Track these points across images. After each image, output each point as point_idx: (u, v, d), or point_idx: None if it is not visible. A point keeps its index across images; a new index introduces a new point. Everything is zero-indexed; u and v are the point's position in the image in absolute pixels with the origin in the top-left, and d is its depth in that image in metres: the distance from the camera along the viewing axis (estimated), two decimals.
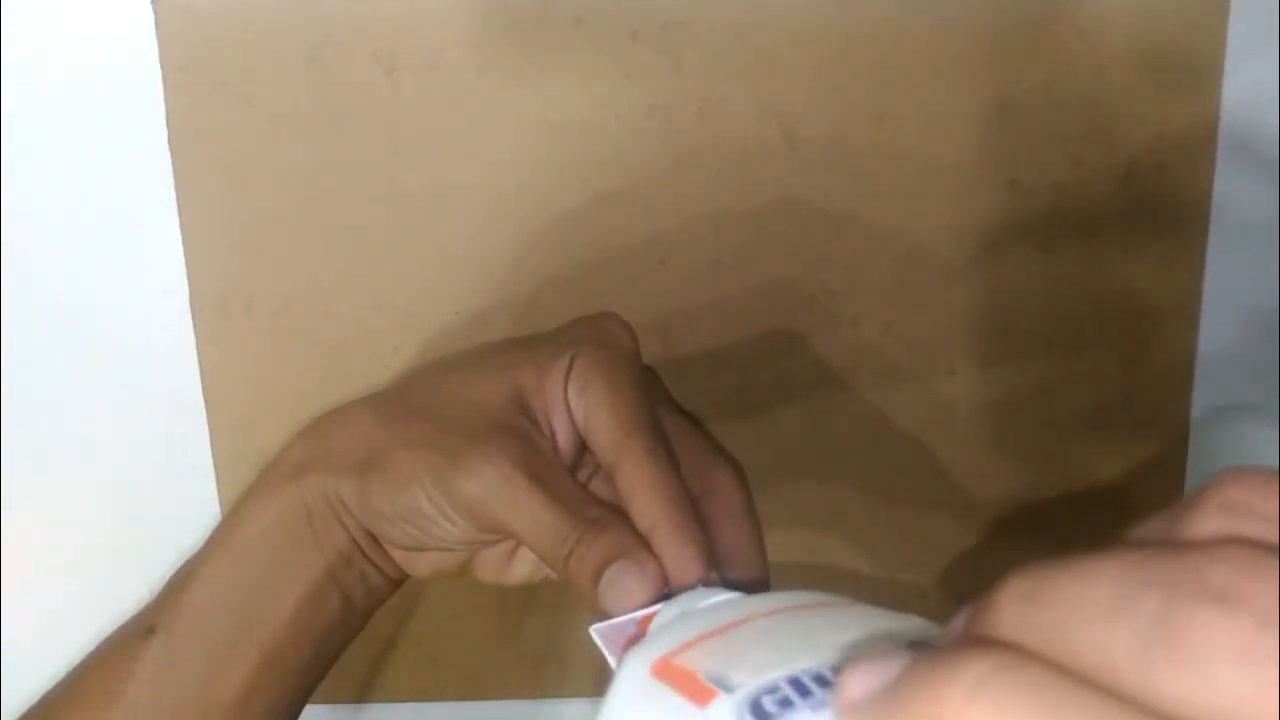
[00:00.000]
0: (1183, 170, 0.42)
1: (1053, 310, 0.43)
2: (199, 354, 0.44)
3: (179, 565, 0.36)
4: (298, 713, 0.36)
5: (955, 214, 0.42)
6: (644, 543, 0.31)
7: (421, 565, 0.36)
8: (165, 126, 0.41)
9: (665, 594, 0.30)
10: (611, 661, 0.28)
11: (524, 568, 0.37)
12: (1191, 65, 0.41)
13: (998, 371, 0.44)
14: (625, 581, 0.30)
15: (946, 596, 0.46)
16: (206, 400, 0.44)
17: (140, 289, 0.43)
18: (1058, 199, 0.42)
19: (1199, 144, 0.42)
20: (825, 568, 0.46)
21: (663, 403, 0.36)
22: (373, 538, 0.35)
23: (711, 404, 0.44)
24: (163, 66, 0.41)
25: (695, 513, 0.31)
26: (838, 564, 0.46)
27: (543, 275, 0.43)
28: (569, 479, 0.33)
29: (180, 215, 0.42)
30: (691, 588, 0.30)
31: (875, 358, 0.44)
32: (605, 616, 0.31)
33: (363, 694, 0.48)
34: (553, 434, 0.34)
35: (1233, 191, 0.42)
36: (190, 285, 0.43)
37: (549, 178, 0.42)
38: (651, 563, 0.30)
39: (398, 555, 0.36)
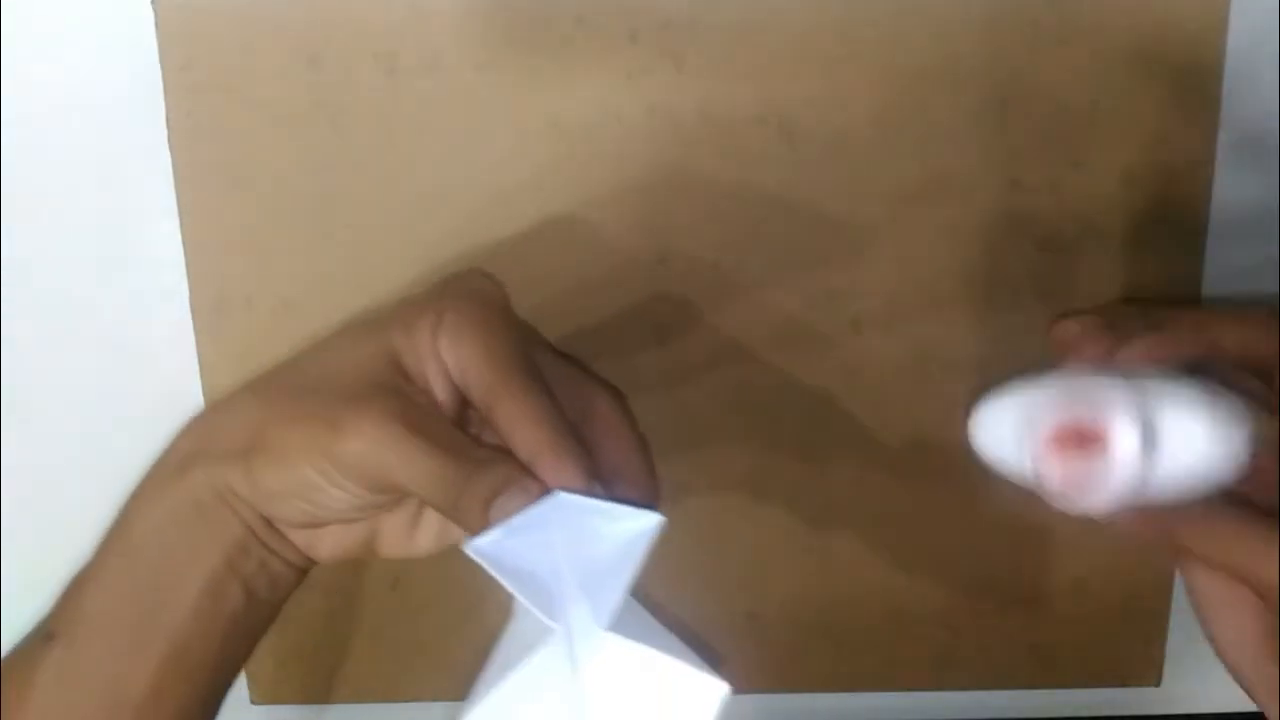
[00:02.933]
0: (1183, 170, 0.42)
1: (1053, 311, 0.43)
2: (199, 353, 0.44)
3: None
4: (214, 709, 0.36)
5: (955, 214, 0.42)
6: (529, 472, 0.31)
7: (323, 546, 0.36)
8: (165, 126, 0.41)
9: None
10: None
11: (428, 536, 0.37)
12: (1191, 65, 0.41)
13: (998, 372, 0.44)
14: (511, 506, 0.31)
15: (933, 592, 0.46)
16: (206, 399, 0.44)
17: (140, 289, 0.43)
18: (1058, 199, 0.42)
19: (1199, 144, 0.42)
20: (825, 572, 0.46)
21: (538, 346, 0.36)
22: (269, 523, 0.34)
23: (712, 404, 0.44)
24: (163, 66, 0.41)
25: (575, 435, 0.32)
26: (838, 565, 0.46)
27: (542, 275, 0.43)
28: (451, 428, 0.34)
29: (180, 215, 0.42)
30: None
31: (875, 358, 0.44)
32: None
33: (363, 694, 0.48)
34: (430, 390, 0.34)
35: (1233, 191, 0.42)
36: (190, 285, 0.43)
37: (549, 178, 0.42)
38: (536, 484, 0.31)
39: (297, 538, 0.35)
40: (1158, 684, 0.48)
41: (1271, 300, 0.43)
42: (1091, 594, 0.46)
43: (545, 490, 0.31)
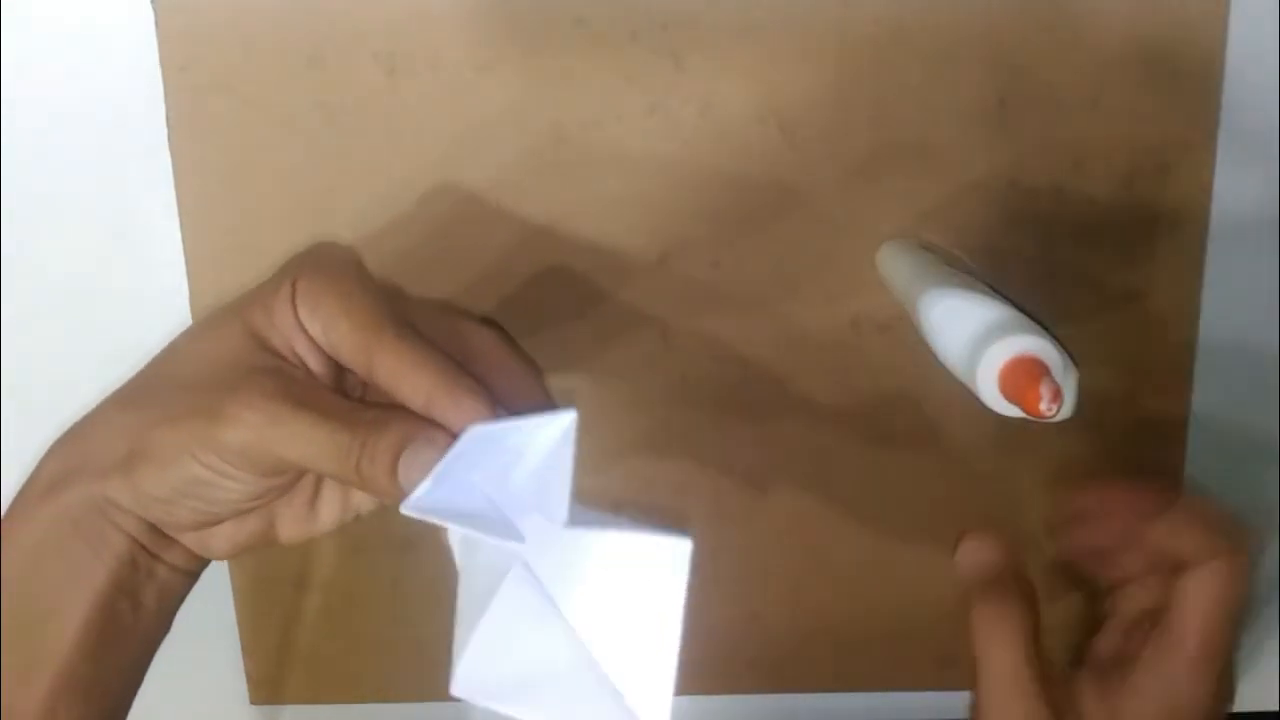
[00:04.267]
0: (1183, 170, 0.42)
1: (1053, 310, 0.43)
2: None
3: None
4: None
5: (955, 214, 0.42)
6: (427, 421, 0.31)
7: (218, 544, 0.35)
8: (165, 126, 0.41)
9: None
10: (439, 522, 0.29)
11: (330, 512, 0.36)
12: (1191, 65, 0.41)
13: None
14: (420, 459, 0.30)
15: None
16: None
17: (140, 289, 0.43)
18: (1058, 199, 0.42)
19: (1199, 144, 0.42)
20: (825, 572, 0.46)
21: (402, 299, 0.35)
22: (156, 531, 0.33)
23: (711, 404, 0.44)
24: (163, 66, 0.41)
25: (463, 370, 0.32)
26: (838, 565, 0.46)
27: (543, 275, 0.43)
28: (334, 396, 0.33)
29: (180, 215, 0.42)
30: None
31: (875, 358, 0.44)
32: None
33: (363, 694, 0.48)
34: (303, 363, 0.33)
35: (1233, 191, 0.42)
36: (190, 285, 0.43)
37: (549, 178, 0.42)
38: (439, 432, 0.31)
39: (190, 541, 0.34)
40: None
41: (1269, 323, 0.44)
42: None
43: (448, 434, 0.30)
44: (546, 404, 0.34)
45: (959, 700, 0.48)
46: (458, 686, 0.28)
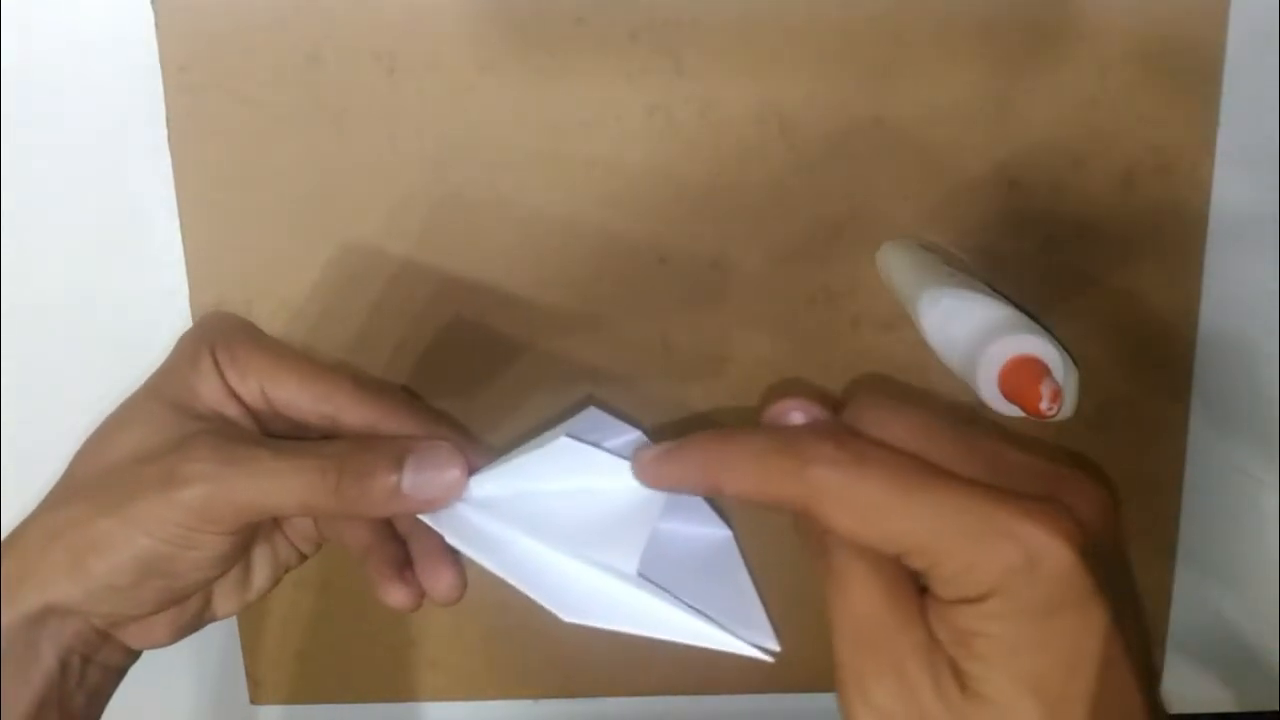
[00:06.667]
0: (1183, 170, 0.42)
1: (1053, 310, 0.43)
2: None
3: None
4: None
5: (955, 214, 0.42)
6: (428, 439, 0.32)
7: (159, 631, 0.34)
8: (165, 126, 0.41)
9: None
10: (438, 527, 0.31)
11: (263, 576, 0.36)
12: (1191, 65, 0.41)
13: None
14: (433, 458, 0.31)
15: None
16: None
17: (140, 289, 0.43)
18: (1058, 199, 0.42)
19: (1199, 144, 0.42)
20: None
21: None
22: (95, 632, 0.33)
23: (712, 404, 0.44)
24: (163, 66, 0.41)
25: (432, 409, 0.33)
26: None
27: (543, 275, 0.43)
28: (278, 440, 0.33)
29: (180, 215, 0.42)
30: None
31: (875, 358, 0.44)
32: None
33: (363, 694, 0.48)
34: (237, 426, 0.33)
35: (1232, 191, 0.42)
36: (190, 285, 0.43)
37: (549, 178, 0.42)
38: (441, 441, 0.32)
39: (131, 634, 0.34)
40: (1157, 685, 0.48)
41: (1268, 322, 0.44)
42: None
43: (450, 444, 0.32)
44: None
45: None
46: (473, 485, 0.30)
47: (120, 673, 0.35)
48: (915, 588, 0.26)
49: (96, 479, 0.33)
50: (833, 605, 0.27)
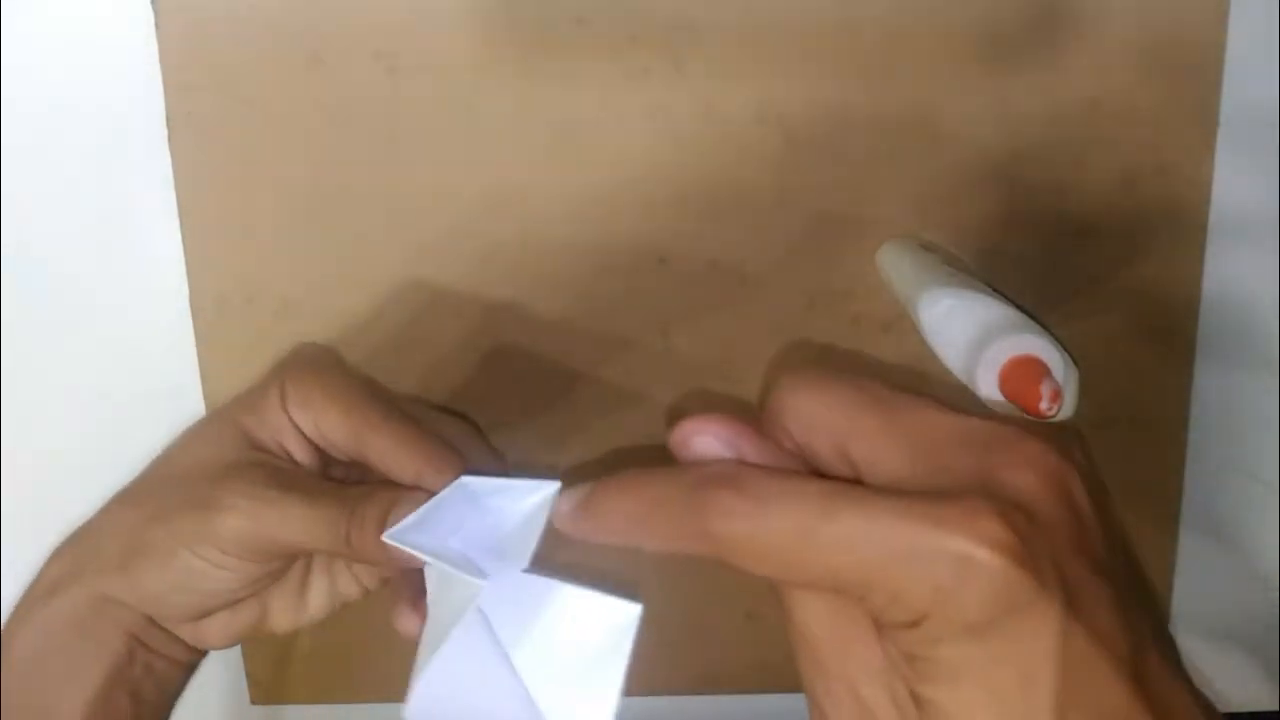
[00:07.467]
0: (1183, 170, 0.42)
1: (1053, 310, 0.43)
2: (198, 353, 0.44)
3: None
4: None
5: (955, 214, 0.42)
6: (415, 489, 0.33)
7: (213, 634, 0.36)
8: (165, 126, 0.41)
9: None
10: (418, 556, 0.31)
11: (319, 600, 0.38)
12: (1191, 65, 0.41)
13: None
14: (405, 515, 0.31)
15: None
16: (206, 399, 0.44)
17: (140, 288, 0.43)
18: (1058, 199, 0.42)
19: (1199, 144, 0.42)
20: None
21: (385, 393, 0.38)
22: (153, 625, 0.35)
23: (711, 405, 0.44)
24: (163, 66, 0.41)
25: (448, 446, 0.34)
26: None
27: (543, 275, 0.43)
28: (319, 479, 0.35)
29: (180, 215, 0.42)
30: None
31: (875, 358, 0.44)
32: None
33: (363, 694, 0.48)
34: (289, 456, 0.36)
35: (1232, 191, 0.42)
36: (190, 284, 0.43)
37: (549, 178, 0.42)
38: (423, 494, 0.32)
39: (185, 633, 0.36)
40: None
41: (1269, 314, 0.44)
42: None
43: (428, 495, 0.32)
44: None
45: None
46: (409, 714, 0.30)
47: (187, 668, 0.37)
48: (863, 610, 0.24)
49: (160, 485, 0.36)
50: (786, 628, 0.26)
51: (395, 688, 0.50)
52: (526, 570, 0.30)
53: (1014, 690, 0.22)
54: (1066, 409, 0.31)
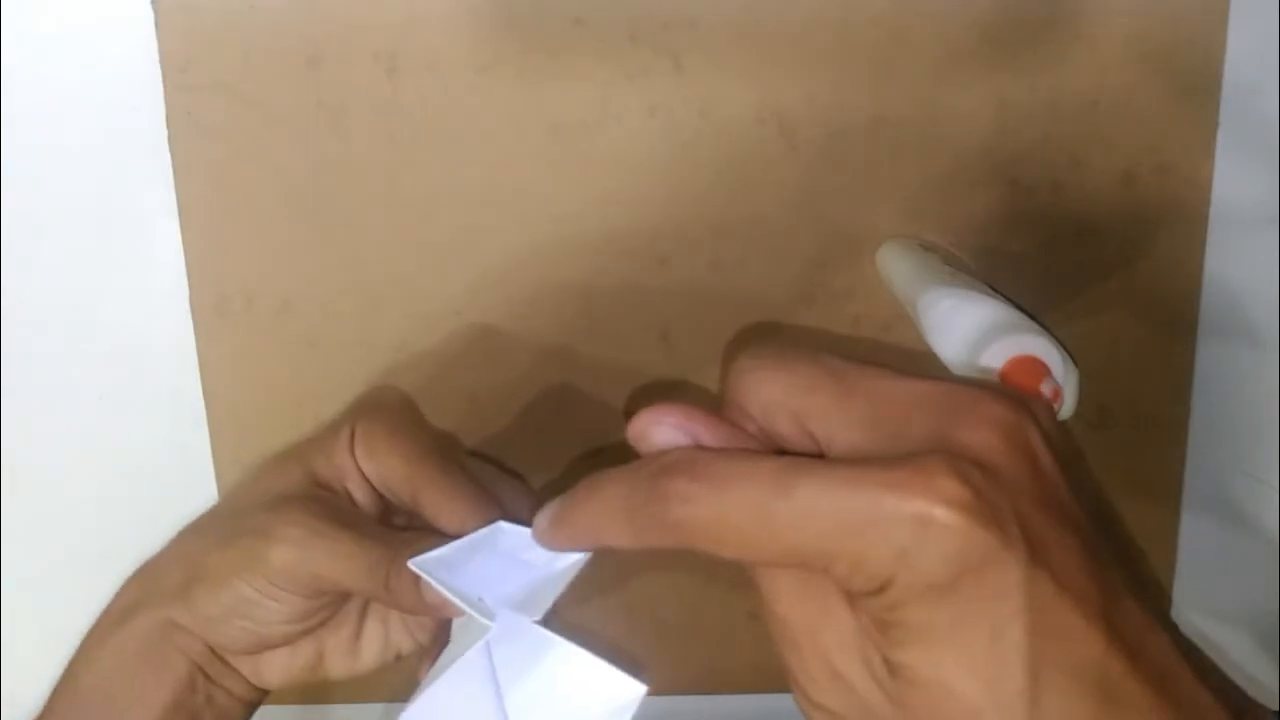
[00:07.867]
0: (1183, 170, 0.42)
1: (1053, 310, 0.43)
2: (199, 353, 0.44)
3: None
4: None
5: (955, 214, 0.42)
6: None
7: (270, 671, 0.37)
8: (165, 126, 0.41)
9: None
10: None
11: (372, 651, 0.38)
12: (1191, 65, 0.41)
13: None
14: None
15: None
16: (206, 400, 0.44)
17: (140, 289, 0.43)
18: (1058, 199, 0.42)
19: (1199, 143, 0.42)
20: None
21: (451, 446, 0.39)
22: (215, 656, 0.36)
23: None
24: (163, 66, 0.41)
25: (495, 501, 0.35)
26: None
27: (543, 275, 0.43)
28: (373, 522, 0.36)
29: (180, 215, 0.42)
30: None
31: (875, 358, 0.44)
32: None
33: (363, 694, 0.48)
34: (350, 496, 0.37)
35: (1232, 191, 0.42)
36: (190, 285, 0.43)
37: (549, 178, 0.42)
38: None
39: (245, 667, 0.37)
40: None
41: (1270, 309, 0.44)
42: None
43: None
44: None
45: None
46: None
47: (248, 707, 0.38)
48: (831, 581, 0.24)
49: (228, 514, 0.37)
50: (761, 612, 0.26)
51: (396, 688, 0.50)
52: (539, 623, 0.30)
53: (984, 646, 0.22)
54: (1066, 409, 0.31)
